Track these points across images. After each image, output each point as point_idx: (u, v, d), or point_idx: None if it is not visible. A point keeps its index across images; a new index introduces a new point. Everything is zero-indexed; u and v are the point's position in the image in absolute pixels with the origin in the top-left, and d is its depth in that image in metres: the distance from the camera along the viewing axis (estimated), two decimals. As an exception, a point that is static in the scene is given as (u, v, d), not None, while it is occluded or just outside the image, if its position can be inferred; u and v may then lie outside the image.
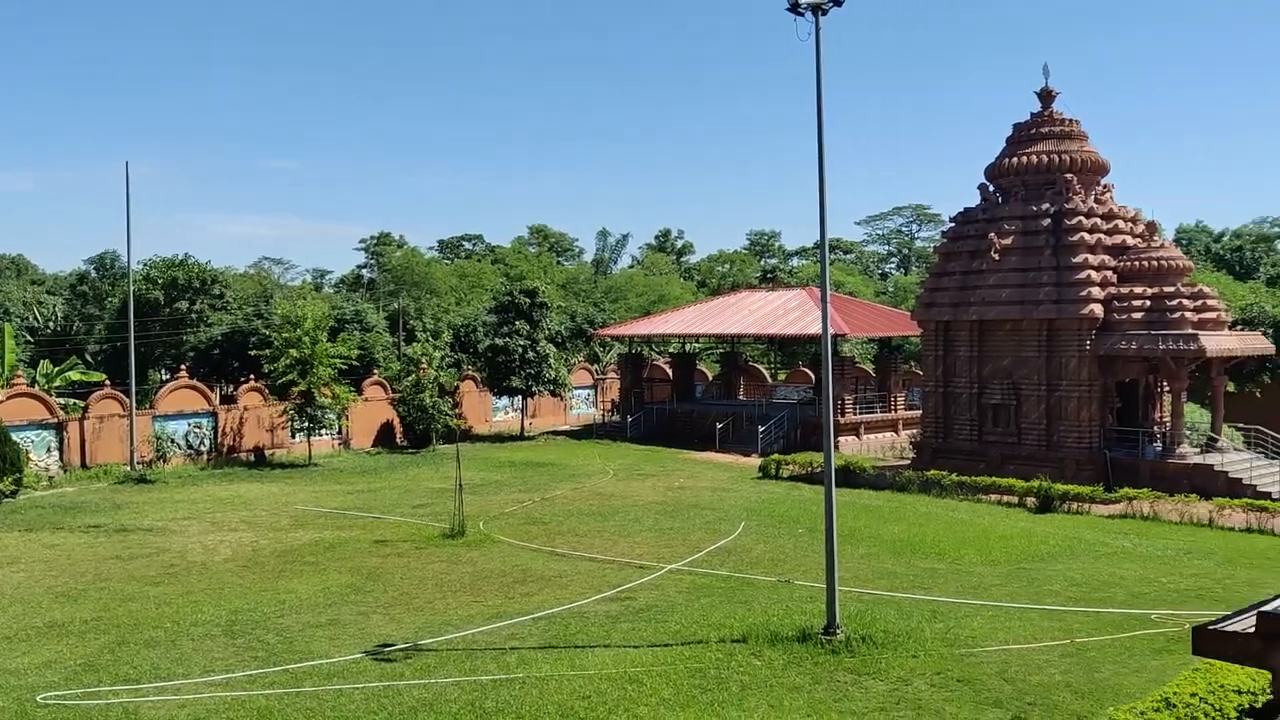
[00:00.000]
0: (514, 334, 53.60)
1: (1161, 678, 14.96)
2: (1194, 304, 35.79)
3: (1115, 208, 39.06)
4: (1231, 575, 23.08)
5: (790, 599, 20.89)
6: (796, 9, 19.02)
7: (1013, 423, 38.51)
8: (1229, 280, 63.44)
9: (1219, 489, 32.87)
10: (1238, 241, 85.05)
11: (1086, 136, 39.95)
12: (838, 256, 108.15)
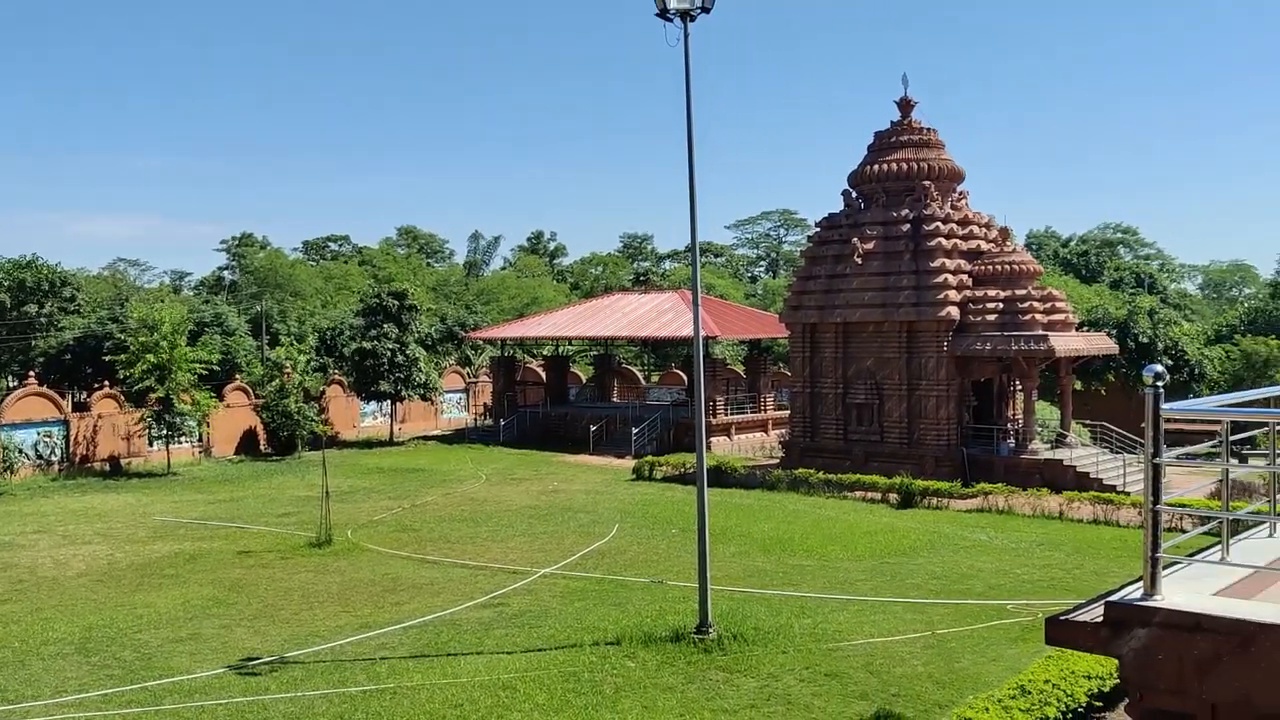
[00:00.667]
0: (382, 337, 52.66)
1: (1017, 666, 15.62)
2: (1044, 306, 37.45)
3: (970, 214, 40.60)
4: (1080, 565, 24.21)
5: (664, 599, 21.08)
6: (665, 14, 19.23)
7: (876, 421, 39.63)
8: (1076, 283, 66.56)
9: (1068, 482, 34.46)
10: (1084, 247, 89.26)
11: (943, 145, 41.40)
12: (708, 260, 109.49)
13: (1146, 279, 77.96)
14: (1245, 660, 5.00)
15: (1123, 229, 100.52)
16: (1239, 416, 6.21)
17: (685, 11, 19.17)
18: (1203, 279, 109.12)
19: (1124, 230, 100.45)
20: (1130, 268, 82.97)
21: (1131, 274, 78.84)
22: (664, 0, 18.97)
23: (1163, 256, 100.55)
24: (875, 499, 34.15)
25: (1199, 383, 53.34)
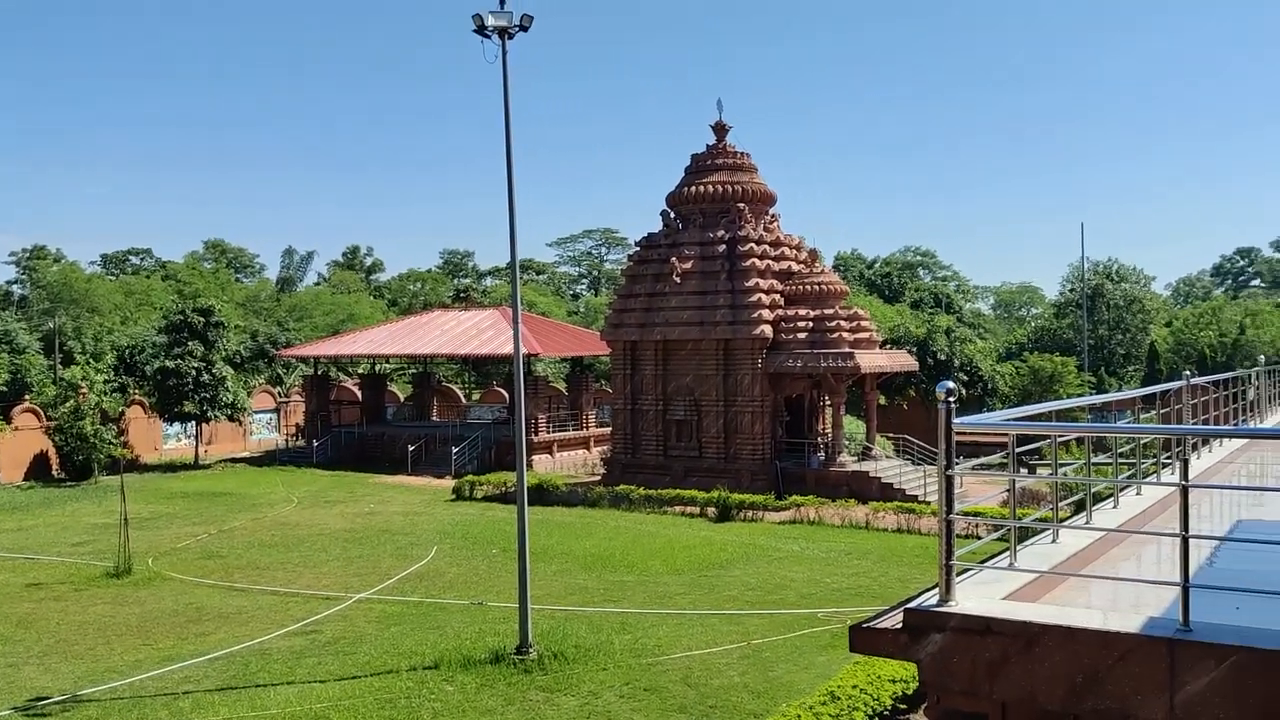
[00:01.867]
0: (187, 355, 50.30)
1: (828, 672, 16.18)
2: (851, 325, 39.08)
3: (782, 236, 42.04)
4: (886, 573, 25.27)
5: (484, 621, 20.86)
6: (483, 31, 19.19)
7: (695, 437, 40.41)
8: (880, 303, 69.66)
9: (874, 493, 35.99)
10: (887, 268, 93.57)
11: (756, 169, 42.73)
12: (530, 277, 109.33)
13: (944, 299, 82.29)
14: (1030, 660, 5.35)
15: (922, 252, 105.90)
16: (1023, 430, 6.64)
17: (503, 29, 19.19)
18: (994, 300, 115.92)
19: (923, 254, 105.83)
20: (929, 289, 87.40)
21: (930, 295, 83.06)
22: (482, 17, 18.94)
23: (958, 278, 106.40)
24: (694, 513, 34.75)
25: (992, 397, 56.56)
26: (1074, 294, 79.22)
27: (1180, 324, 74.98)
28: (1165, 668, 5.04)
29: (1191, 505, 9.94)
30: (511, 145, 19.64)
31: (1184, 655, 5.01)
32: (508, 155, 19.63)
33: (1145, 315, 78.21)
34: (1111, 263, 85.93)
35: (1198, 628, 5.12)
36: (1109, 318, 75.72)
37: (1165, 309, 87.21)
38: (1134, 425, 9.97)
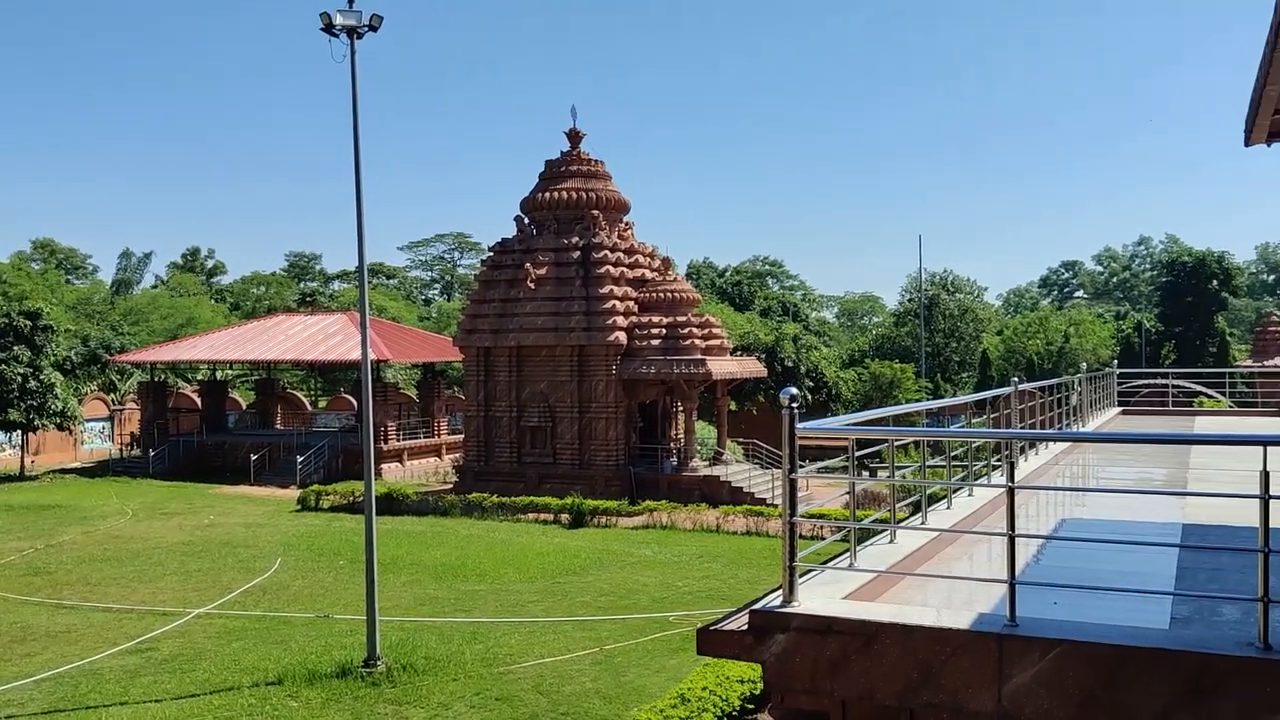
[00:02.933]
0: (12, 361, 47.51)
1: (679, 675, 16.37)
2: (702, 332, 39.71)
3: (636, 243, 42.42)
4: (736, 575, 25.74)
5: (330, 634, 20.35)
6: (331, 30, 18.79)
7: (549, 444, 40.34)
8: (730, 311, 70.84)
9: (724, 497, 36.63)
10: (738, 277, 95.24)
11: (610, 177, 43.00)
12: (380, 281, 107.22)
13: (792, 308, 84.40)
14: (869, 657, 5.53)
15: (771, 262, 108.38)
16: (861, 434, 6.87)
17: (352, 28, 18.83)
18: (839, 308, 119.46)
19: (772, 263, 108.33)
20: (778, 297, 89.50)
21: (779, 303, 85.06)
22: (330, 16, 18.54)
23: (805, 287, 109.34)
24: (548, 520, 34.68)
25: (836, 402, 58.25)
26: (912, 304, 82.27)
27: (1010, 333, 78.70)
28: (994, 661, 5.29)
29: (1020, 505, 10.46)
30: (360, 146, 19.28)
31: (1011, 649, 5.26)
32: (356, 157, 19.25)
33: (978, 324, 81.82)
34: (947, 274, 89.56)
35: (1024, 622, 5.38)
36: (945, 326, 78.96)
37: (996, 318, 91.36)
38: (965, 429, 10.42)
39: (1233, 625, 5.81)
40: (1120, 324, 79.46)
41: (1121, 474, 13.52)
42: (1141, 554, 7.76)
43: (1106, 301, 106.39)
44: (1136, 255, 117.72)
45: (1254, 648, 4.97)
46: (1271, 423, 21.97)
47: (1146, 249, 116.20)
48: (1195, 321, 68.84)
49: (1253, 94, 9.23)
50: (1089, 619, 5.54)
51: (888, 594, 6.68)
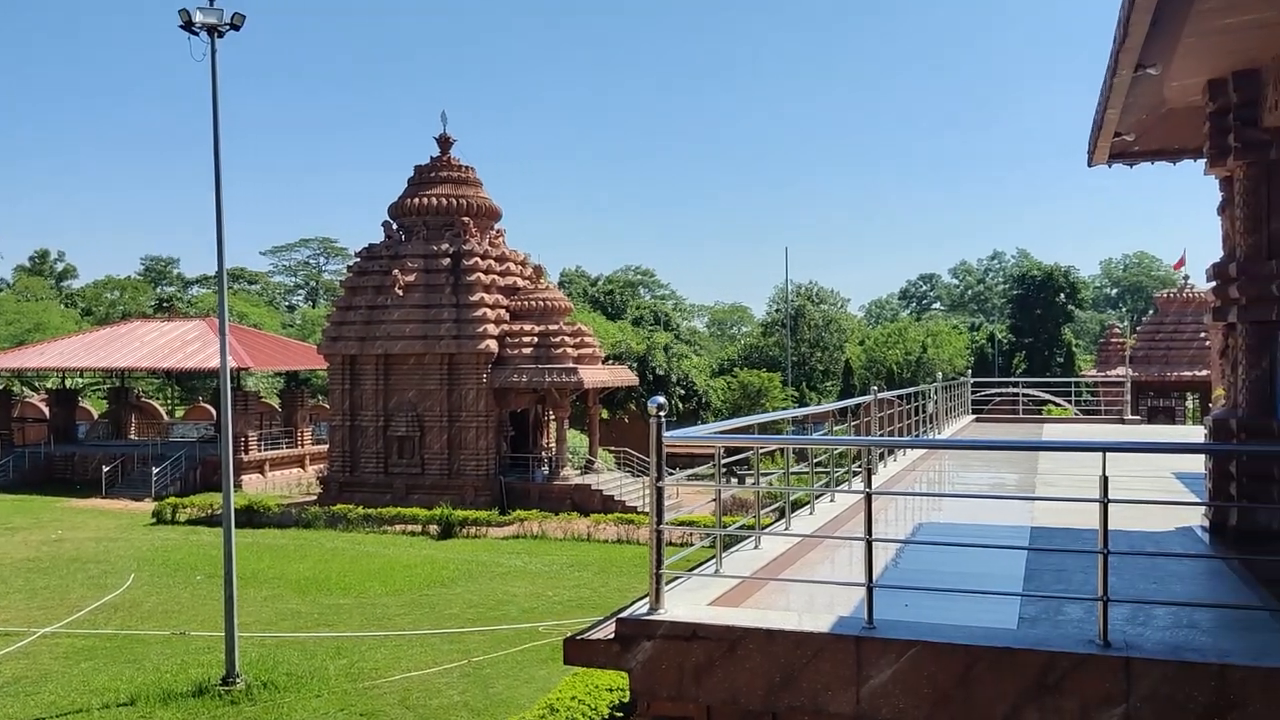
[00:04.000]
0: None
1: (548, 686, 16.30)
2: (574, 341, 39.73)
3: (507, 251, 42.20)
4: (606, 583, 25.79)
5: (186, 652, 19.61)
6: (190, 28, 18.20)
7: (417, 453, 39.74)
8: (603, 320, 71.08)
9: (596, 506, 36.67)
10: (610, 285, 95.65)
11: (481, 183, 42.68)
12: (241, 287, 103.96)
13: (663, 317, 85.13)
14: (733, 662, 5.62)
15: (642, 271, 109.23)
16: (727, 442, 6.97)
17: (213, 27, 18.27)
18: (709, 318, 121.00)
19: (643, 272, 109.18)
20: (649, 306, 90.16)
21: (650, 312, 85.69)
22: (189, 13, 17.96)
23: (676, 297, 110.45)
24: (416, 531, 34.16)
25: (706, 410, 58.99)
26: (779, 314, 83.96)
27: (872, 343, 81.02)
28: (853, 663, 5.43)
29: (880, 510, 10.78)
30: (220, 147, 18.72)
31: (869, 651, 5.42)
32: (216, 158, 18.67)
33: (842, 334, 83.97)
34: (813, 285, 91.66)
35: (881, 624, 5.54)
36: (810, 336, 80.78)
37: (859, 329, 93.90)
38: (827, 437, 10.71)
39: (1076, 624, 6.09)
40: (974, 335, 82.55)
41: (975, 479, 14.03)
42: (993, 556, 8.08)
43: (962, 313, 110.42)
44: (990, 269, 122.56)
45: (1094, 645, 5.23)
46: (1113, 429, 23.15)
47: (999, 263, 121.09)
48: (1044, 333, 71.99)
49: (1094, 118, 9.74)
50: (943, 620, 5.74)
51: (752, 599, 6.79)
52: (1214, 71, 8.67)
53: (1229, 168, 8.82)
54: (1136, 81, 8.35)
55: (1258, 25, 7.52)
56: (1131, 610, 6.36)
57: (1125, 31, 7.04)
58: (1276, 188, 8.53)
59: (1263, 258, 8.52)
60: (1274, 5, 7.15)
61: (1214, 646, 5.53)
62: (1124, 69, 7.82)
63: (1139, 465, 13.77)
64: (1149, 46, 7.47)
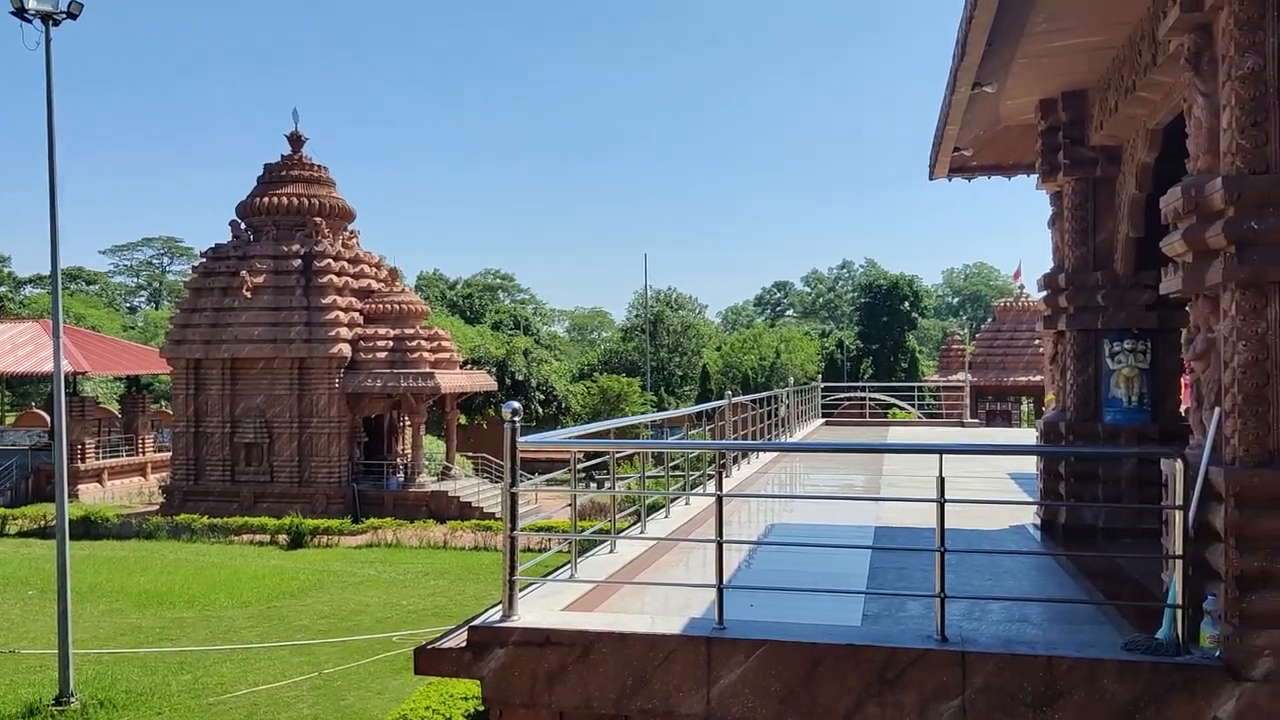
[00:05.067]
0: None
1: (402, 696, 16.01)
2: (431, 345, 39.19)
3: (361, 253, 41.33)
4: (463, 591, 25.49)
5: (16, 671, 18.54)
6: (23, 14, 17.30)
7: (266, 461, 38.54)
8: (461, 324, 70.24)
9: (453, 513, 36.25)
10: (469, 289, 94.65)
11: (334, 183, 41.71)
12: (79, 287, 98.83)
13: (523, 321, 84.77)
14: (586, 667, 5.63)
15: (502, 275, 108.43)
16: (582, 447, 6.99)
17: (47, 14, 17.39)
18: (569, 323, 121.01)
19: (503, 276, 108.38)
20: (509, 311, 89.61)
21: (510, 317, 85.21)
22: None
23: (536, 302, 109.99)
24: (264, 541, 33.12)
25: (566, 415, 58.97)
26: (639, 319, 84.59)
27: (728, 348, 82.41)
28: (704, 664, 5.51)
29: (734, 512, 10.97)
30: (55, 139, 17.81)
31: (719, 651, 5.51)
32: (50, 150, 17.77)
33: (699, 340, 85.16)
34: (671, 291, 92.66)
35: (731, 625, 5.64)
36: (669, 342, 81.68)
37: (716, 335, 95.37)
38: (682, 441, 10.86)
39: (916, 620, 6.32)
40: (825, 341, 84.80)
41: (826, 480, 14.43)
42: (840, 556, 8.32)
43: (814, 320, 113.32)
44: (840, 278, 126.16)
45: (932, 640, 5.44)
46: (953, 432, 24.12)
47: (849, 272, 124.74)
48: (890, 339, 74.47)
49: (935, 134, 10.14)
50: (791, 619, 5.89)
51: (607, 603, 6.82)
52: (1045, 91, 9.15)
53: (1059, 183, 9.30)
54: (974, 99, 8.73)
55: (1085, 49, 7.97)
56: (968, 606, 6.65)
57: (963, 50, 7.35)
58: (1102, 203, 9.05)
59: (1089, 269, 9.02)
60: (1098, 31, 7.59)
61: (1043, 639, 5.82)
62: (962, 86, 8.17)
63: (978, 467, 14.39)
64: (985, 65, 7.82)
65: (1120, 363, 8.68)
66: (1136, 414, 8.64)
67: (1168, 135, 7.55)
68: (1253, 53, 5.06)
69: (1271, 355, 5.01)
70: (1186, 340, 5.77)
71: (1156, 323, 8.69)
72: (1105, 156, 8.90)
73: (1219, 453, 5.27)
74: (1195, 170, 5.55)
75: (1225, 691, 5.00)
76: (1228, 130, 5.19)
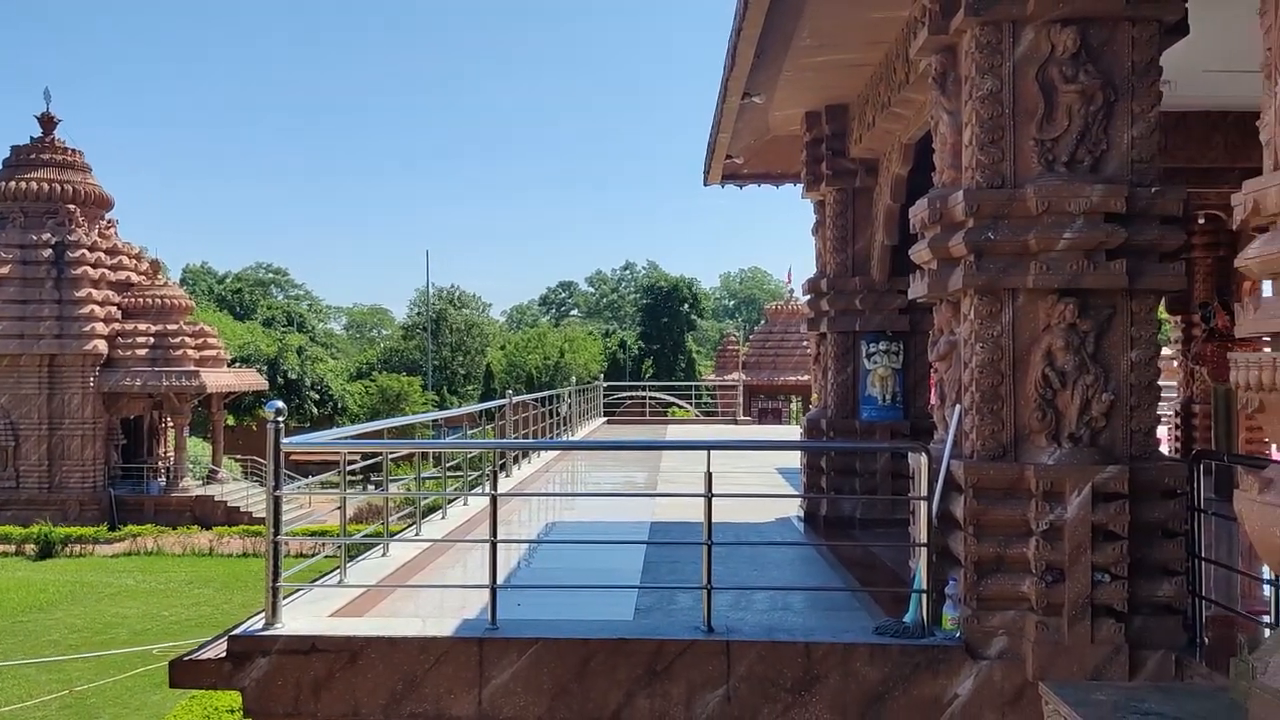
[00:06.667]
0: None
1: (161, 712, 15.19)
2: (196, 342, 37.26)
3: (120, 244, 38.85)
4: (230, 600, 24.36)
5: None
6: None
7: (11, 465, 35.65)
8: (230, 320, 67.07)
9: (220, 518, 34.62)
10: (239, 284, 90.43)
11: (89, 169, 39.03)
12: None
13: (297, 318, 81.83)
14: (354, 673, 5.49)
15: (275, 269, 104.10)
16: (352, 448, 6.83)
17: None
18: (347, 320, 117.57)
19: (276, 271, 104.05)
20: (282, 307, 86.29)
21: (283, 313, 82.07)
22: None
23: (311, 298, 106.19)
24: (9, 552, 30.73)
25: (342, 415, 57.30)
26: (420, 317, 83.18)
27: (512, 348, 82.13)
28: (476, 665, 5.48)
29: (515, 511, 10.97)
30: None
31: (491, 652, 5.49)
32: None
33: (483, 339, 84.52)
34: (454, 289, 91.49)
35: (504, 625, 5.64)
36: (451, 340, 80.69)
37: (501, 334, 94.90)
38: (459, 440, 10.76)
39: (686, 612, 6.49)
40: (608, 341, 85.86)
41: (608, 477, 14.63)
42: (617, 551, 8.45)
43: (598, 320, 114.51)
44: (623, 279, 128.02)
45: (700, 630, 5.60)
46: (727, 429, 24.92)
47: (631, 274, 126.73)
48: (670, 340, 76.19)
49: (709, 141, 10.46)
50: (567, 616, 5.94)
51: (379, 608, 6.68)
52: (810, 104, 9.60)
53: (822, 192, 9.78)
54: (744, 109, 9.07)
55: (846, 65, 8.41)
56: (735, 596, 6.88)
57: (733, 61, 7.62)
58: (860, 212, 9.57)
59: (848, 274, 9.52)
60: (859, 49, 8.02)
61: (802, 626, 6.09)
62: (732, 96, 8.47)
63: (751, 462, 14.92)
64: (754, 76, 8.13)
65: (876, 363, 9.21)
66: (890, 411, 9.19)
67: (919, 150, 8.05)
68: (991, 75, 5.46)
69: (1005, 356, 5.43)
70: (931, 342, 6.16)
71: (908, 326, 9.26)
72: (864, 168, 9.42)
73: (959, 447, 5.67)
74: (941, 183, 5.95)
75: (964, 670, 5.38)
76: (969, 147, 5.58)
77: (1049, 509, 5.21)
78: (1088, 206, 5.25)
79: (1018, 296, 5.42)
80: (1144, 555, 5.26)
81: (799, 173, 10.25)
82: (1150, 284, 5.39)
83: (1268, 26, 3.66)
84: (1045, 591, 5.20)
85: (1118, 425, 5.35)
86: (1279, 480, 3.65)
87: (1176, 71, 6.81)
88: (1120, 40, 5.39)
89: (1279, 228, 3.65)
